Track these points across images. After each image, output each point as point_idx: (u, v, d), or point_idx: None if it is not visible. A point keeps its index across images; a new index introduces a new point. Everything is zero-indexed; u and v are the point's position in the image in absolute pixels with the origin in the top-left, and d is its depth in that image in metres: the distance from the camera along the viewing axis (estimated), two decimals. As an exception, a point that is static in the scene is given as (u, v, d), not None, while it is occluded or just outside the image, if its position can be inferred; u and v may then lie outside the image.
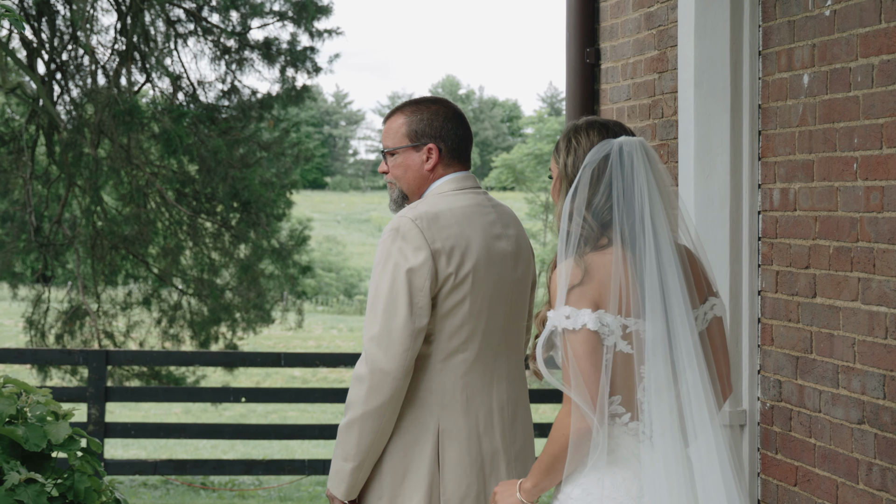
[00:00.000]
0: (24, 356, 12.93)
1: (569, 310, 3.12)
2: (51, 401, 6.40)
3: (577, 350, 3.10)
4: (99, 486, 6.31)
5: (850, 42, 4.40)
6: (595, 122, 3.32)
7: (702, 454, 3.14)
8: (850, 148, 4.40)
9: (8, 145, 17.53)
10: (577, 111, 6.43)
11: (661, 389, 3.13)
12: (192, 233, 18.10)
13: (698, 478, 3.13)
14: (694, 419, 3.14)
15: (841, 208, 4.46)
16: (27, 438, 6.03)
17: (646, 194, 3.19)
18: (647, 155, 3.24)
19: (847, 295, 4.42)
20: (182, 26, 17.89)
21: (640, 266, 3.16)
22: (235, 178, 17.62)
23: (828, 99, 4.54)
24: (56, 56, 17.16)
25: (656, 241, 3.17)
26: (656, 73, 5.81)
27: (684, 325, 3.15)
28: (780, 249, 4.87)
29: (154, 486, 13.19)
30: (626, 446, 3.17)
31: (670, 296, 3.15)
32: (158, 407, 22.81)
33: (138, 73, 17.67)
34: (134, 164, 17.33)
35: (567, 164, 3.28)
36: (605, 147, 3.23)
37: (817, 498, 4.61)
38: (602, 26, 6.41)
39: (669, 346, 3.14)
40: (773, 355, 4.93)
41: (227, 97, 18.16)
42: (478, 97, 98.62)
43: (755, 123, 5.03)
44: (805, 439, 4.69)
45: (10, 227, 18.25)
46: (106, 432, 11.41)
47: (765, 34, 4.98)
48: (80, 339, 17.93)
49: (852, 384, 4.38)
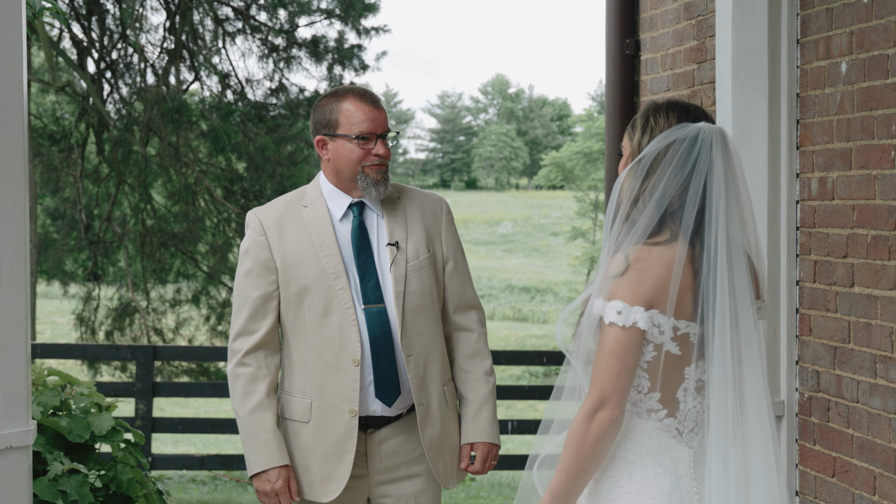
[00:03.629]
0: (72, 351, 13.05)
1: (621, 305, 3.04)
2: (94, 392, 6.48)
3: (617, 346, 3.04)
4: (142, 477, 6.38)
5: (888, 29, 4.36)
6: (676, 104, 3.19)
7: (755, 450, 3.09)
8: (887, 135, 4.36)
9: (59, 143, 17.72)
10: (617, 103, 6.40)
11: (723, 390, 3.07)
12: (240, 230, 18.19)
13: (750, 472, 3.08)
14: (749, 418, 3.09)
15: (879, 196, 4.42)
16: (70, 429, 6.11)
17: (721, 188, 3.08)
18: (726, 145, 3.12)
19: (885, 284, 4.38)
20: (230, 25, 17.99)
21: (710, 265, 3.05)
22: (283, 175, 17.70)
23: (866, 86, 4.50)
24: (106, 55, 17.31)
25: (728, 240, 3.07)
26: (695, 64, 5.78)
27: (749, 328, 3.08)
28: (819, 239, 4.83)
29: (203, 482, 13.28)
30: (660, 442, 3.14)
31: (737, 298, 3.06)
32: (209, 405, 22.97)
33: (187, 71, 17.81)
34: (183, 162, 17.46)
35: (641, 143, 3.16)
36: (681, 130, 3.11)
37: (855, 489, 4.57)
38: (642, 17, 6.38)
39: (732, 348, 3.06)
40: (811, 345, 4.89)
41: (274, 95, 18.25)
42: (527, 96, 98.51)
43: (793, 112, 5.00)
44: (843, 430, 4.65)
45: (61, 224, 18.45)
46: (153, 427, 11.48)
47: (803, 22, 4.94)
48: (130, 336, 18.08)
49: (890, 374, 4.34)
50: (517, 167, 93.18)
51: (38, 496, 5.76)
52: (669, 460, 3.12)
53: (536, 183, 72.34)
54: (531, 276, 55.37)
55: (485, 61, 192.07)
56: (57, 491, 5.82)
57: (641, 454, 3.12)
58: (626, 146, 3.24)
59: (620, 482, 3.13)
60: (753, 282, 3.18)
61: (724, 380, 3.06)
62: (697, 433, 3.15)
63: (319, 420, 4.15)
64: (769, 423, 3.09)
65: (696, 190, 3.08)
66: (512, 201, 79.02)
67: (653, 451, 3.12)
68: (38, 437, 5.92)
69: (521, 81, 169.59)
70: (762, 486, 3.06)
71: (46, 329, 33.96)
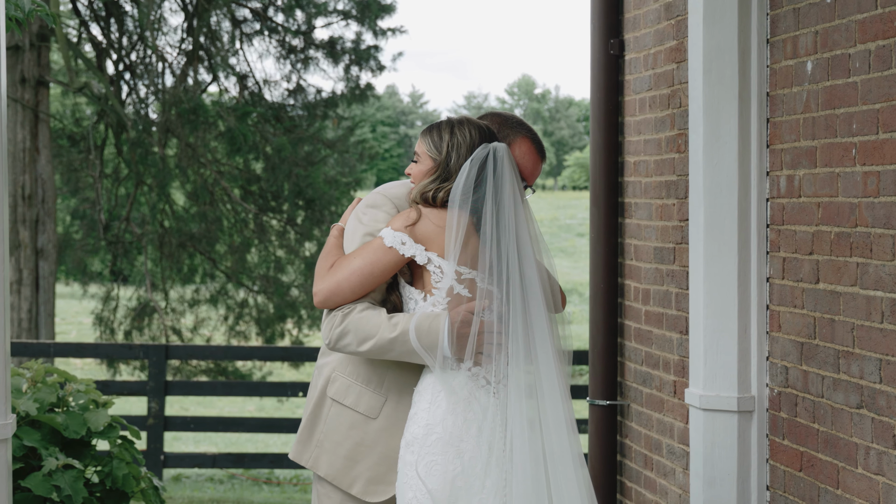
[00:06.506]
0: (85, 350, 13.18)
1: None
2: (92, 389, 6.58)
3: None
4: (138, 472, 6.48)
5: (850, 28, 4.41)
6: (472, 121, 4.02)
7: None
8: (849, 134, 4.42)
9: (78, 145, 17.88)
10: (602, 102, 6.47)
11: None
12: (258, 230, 18.30)
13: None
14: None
15: (841, 194, 4.47)
16: (67, 425, 6.21)
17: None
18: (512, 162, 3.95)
19: (847, 280, 4.43)
20: (248, 26, 18.11)
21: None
22: (300, 176, 17.80)
23: (829, 85, 4.55)
24: (125, 56, 17.46)
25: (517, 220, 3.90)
26: (674, 63, 5.84)
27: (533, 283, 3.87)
28: (787, 236, 4.88)
29: (220, 480, 13.39)
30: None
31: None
32: (233, 405, 23.10)
33: (205, 72, 17.93)
34: (200, 163, 17.59)
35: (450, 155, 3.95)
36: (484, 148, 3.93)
37: (820, 483, 4.62)
38: (626, 17, 6.44)
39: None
40: (780, 342, 4.94)
41: (292, 96, 18.36)
42: (553, 97, 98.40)
43: (763, 111, 5.05)
44: (809, 425, 4.71)
45: (81, 225, 18.61)
46: (166, 426, 11.58)
47: (772, 22, 4.99)
48: (149, 336, 18.22)
49: (852, 369, 4.39)
50: (543, 168, 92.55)
51: (33, 491, 5.86)
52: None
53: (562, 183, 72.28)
54: (557, 277, 55.25)
55: (511, 62, 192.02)
56: (51, 486, 5.91)
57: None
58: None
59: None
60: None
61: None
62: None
63: (390, 421, 4.07)
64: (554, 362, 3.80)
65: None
66: (538, 202, 78.94)
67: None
68: (33, 433, 6.02)
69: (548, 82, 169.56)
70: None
71: (72, 329, 34.18)
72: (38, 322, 16.85)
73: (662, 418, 6.02)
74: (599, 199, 6.51)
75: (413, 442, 3.84)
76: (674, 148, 5.85)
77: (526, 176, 4.16)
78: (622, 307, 6.56)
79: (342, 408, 4.11)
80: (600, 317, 6.54)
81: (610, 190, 6.47)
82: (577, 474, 3.74)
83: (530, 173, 4.20)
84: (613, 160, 6.47)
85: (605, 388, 6.53)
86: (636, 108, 6.32)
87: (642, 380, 6.28)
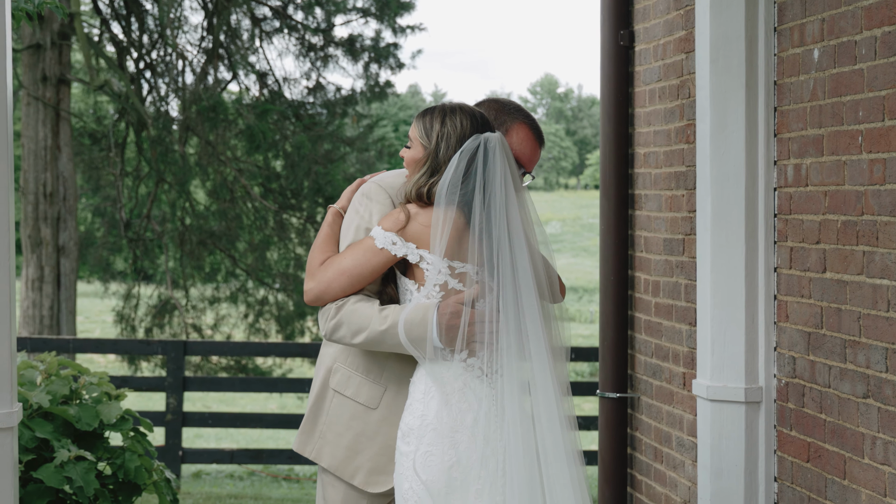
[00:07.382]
0: (104, 346, 13.24)
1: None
2: (105, 382, 6.60)
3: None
4: (150, 465, 6.49)
5: (856, 15, 4.38)
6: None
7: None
8: (855, 121, 4.38)
9: (99, 143, 17.95)
10: (612, 94, 6.44)
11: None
12: (278, 228, 18.33)
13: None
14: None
15: (848, 182, 4.44)
16: (79, 418, 6.22)
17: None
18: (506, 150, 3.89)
19: (853, 269, 4.40)
20: (267, 24, 18.15)
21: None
22: (319, 173, 17.82)
23: (836, 73, 4.52)
24: (146, 54, 17.52)
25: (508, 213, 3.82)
26: (683, 54, 5.82)
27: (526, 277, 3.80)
28: (794, 225, 4.85)
29: (240, 477, 13.40)
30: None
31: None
32: (255, 403, 23.14)
33: (225, 70, 17.98)
34: (221, 161, 17.63)
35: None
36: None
37: (827, 473, 4.59)
38: (636, 8, 6.41)
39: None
40: (787, 332, 4.91)
41: (312, 94, 18.39)
42: (576, 95, 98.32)
43: (770, 100, 5.02)
44: (816, 415, 4.68)
45: (102, 222, 18.69)
46: (184, 421, 11.61)
47: (780, 9, 4.96)
48: (169, 333, 18.28)
49: (858, 358, 4.36)
50: (566, 167, 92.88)
51: (45, 482, 5.88)
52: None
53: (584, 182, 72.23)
54: (579, 276, 55.20)
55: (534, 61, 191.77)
56: (63, 477, 5.93)
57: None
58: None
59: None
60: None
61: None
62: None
63: (390, 411, 4.07)
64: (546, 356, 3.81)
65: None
66: (560, 201, 78.86)
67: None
68: (46, 425, 6.04)
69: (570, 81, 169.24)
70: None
71: (96, 327, 34.36)
72: (60, 319, 16.92)
73: (672, 410, 6.00)
74: (609, 191, 6.49)
75: (409, 433, 3.84)
76: (683, 139, 5.82)
77: (524, 162, 4.13)
78: (632, 299, 6.54)
79: (343, 398, 4.11)
80: (610, 309, 6.52)
81: (620, 182, 6.45)
82: (572, 472, 3.72)
83: (529, 159, 4.17)
84: (623, 152, 6.45)
85: (615, 381, 6.51)
86: (646, 100, 6.30)
87: (652, 372, 6.25)
